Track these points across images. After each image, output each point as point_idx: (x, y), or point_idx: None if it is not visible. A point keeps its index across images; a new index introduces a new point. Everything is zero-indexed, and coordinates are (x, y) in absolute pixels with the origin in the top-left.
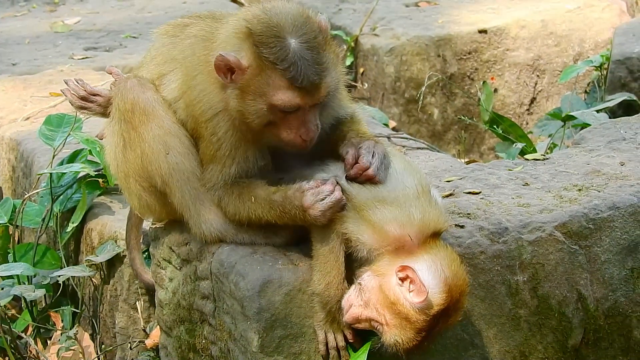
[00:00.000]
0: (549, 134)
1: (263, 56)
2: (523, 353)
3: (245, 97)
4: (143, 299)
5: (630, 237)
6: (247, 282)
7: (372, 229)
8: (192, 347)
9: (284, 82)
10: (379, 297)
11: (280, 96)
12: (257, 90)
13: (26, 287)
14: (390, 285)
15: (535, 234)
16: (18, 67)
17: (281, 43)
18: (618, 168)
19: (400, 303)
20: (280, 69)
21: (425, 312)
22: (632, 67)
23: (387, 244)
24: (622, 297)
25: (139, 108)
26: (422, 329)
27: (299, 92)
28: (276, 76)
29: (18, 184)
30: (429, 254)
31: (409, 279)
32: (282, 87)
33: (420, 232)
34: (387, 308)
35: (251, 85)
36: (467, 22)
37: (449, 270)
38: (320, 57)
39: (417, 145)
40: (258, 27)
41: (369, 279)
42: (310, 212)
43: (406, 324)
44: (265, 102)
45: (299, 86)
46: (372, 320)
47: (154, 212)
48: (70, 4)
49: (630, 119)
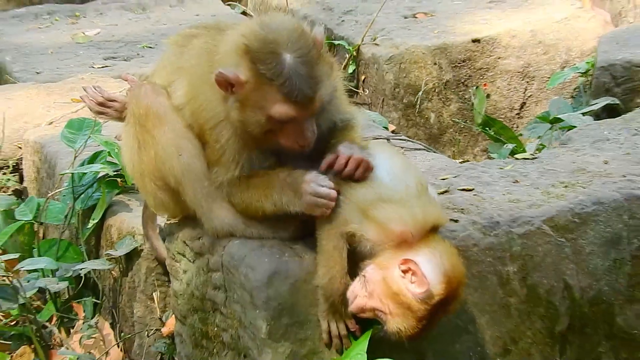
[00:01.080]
0: (538, 135)
1: (260, 72)
2: (513, 339)
3: (245, 109)
4: (159, 290)
5: (613, 230)
6: (255, 273)
7: (376, 226)
8: (205, 335)
9: (280, 97)
10: (382, 289)
11: (277, 109)
12: (256, 103)
13: (50, 280)
14: (393, 277)
15: (525, 227)
16: (42, 76)
17: (277, 59)
18: (602, 166)
19: (403, 294)
20: (276, 84)
21: (426, 302)
22: (615, 73)
23: (391, 240)
24: (606, 286)
25: (153, 112)
26: (423, 318)
27: (294, 105)
28: (273, 90)
29: (42, 184)
30: (429, 248)
31: (411, 272)
32: (279, 101)
33: (421, 228)
34: (390, 298)
35: (250, 98)
36: (461, 32)
37: (448, 263)
38: (314, 70)
39: (415, 146)
40: (255, 44)
41: (372, 271)
42: (305, 198)
43: (408, 313)
44: (264, 114)
45: (294, 100)
46: (376, 310)
47: (168, 209)
48: (91, 17)
49: (613, 120)
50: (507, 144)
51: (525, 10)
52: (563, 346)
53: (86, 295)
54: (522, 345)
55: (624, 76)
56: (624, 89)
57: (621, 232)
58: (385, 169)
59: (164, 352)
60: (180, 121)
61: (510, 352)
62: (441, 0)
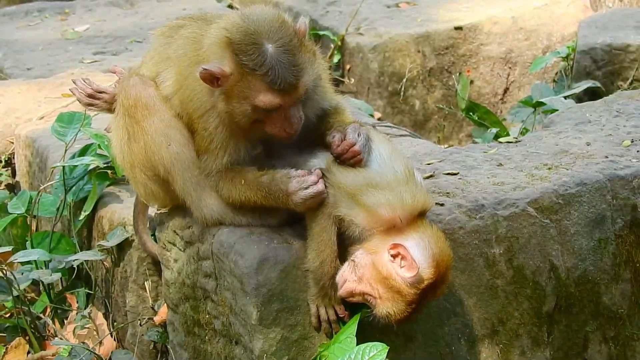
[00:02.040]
0: (521, 120)
1: (243, 63)
2: (501, 320)
3: (231, 100)
4: (151, 279)
5: (597, 211)
6: (245, 260)
7: (366, 212)
8: (197, 322)
9: (264, 86)
10: (372, 273)
11: (262, 98)
12: (241, 94)
13: (43, 272)
14: (383, 262)
15: (510, 209)
16: (32, 72)
17: (259, 49)
18: (584, 148)
19: (393, 278)
20: (259, 74)
21: (416, 286)
22: (595, 57)
23: (380, 225)
24: (591, 266)
25: (141, 103)
26: (412, 302)
27: (278, 93)
28: (256, 80)
29: (34, 178)
30: (417, 232)
31: (400, 256)
32: (263, 90)
33: (409, 214)
34: (380, 283)
35: (235, 89)
36: (444, 20)
37: (436, 247)
38: (296, 59)
39: (400, 132)
40: (237, 36)
41: (362, 256)
42: (293, 197)
43: (398, 297)
44: (249, 104)
45: (278, 88)
46: (366, 294)
47: (158, 199)
48: (80, 13)
49: (594, 103)
50: (491, 128)
51: None
52: (550, 326)
53: (79, 286)
54: (509, 326)
55: (604, 59)
56: (605, 72)
57: (605, 212)
58: (373, 154)
59: (156, 341)
60: (168, 111)
61: (499, 333)
62: None
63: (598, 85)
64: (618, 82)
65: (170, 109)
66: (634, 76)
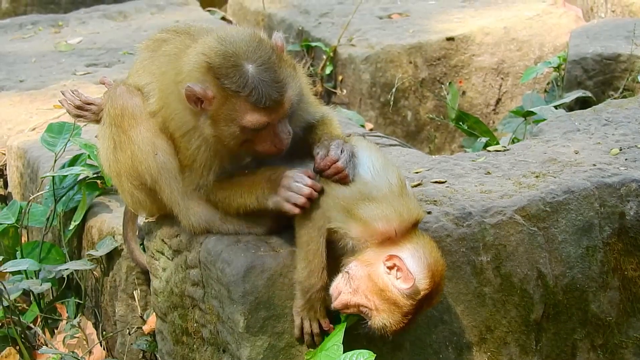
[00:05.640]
0: (512, 130)
1: (225, 87)
2: (489, 327)
3: (218, 124)
4: (140, 288)
5: (584, 219)
6: (232, 268)
7: (362, 225)
8: (185, 331)
9: (249, 106)
10: (367, 285)
11: (249, 119)
12: (227, 116)
13: (34, 282)
14: (378, 274)
15: (497, 217)
16: (25, 84)
17: (239, 71)
18: (573, 156)
19: (389, 290)
20: (243, 95)
21: (412, 297)
22: (586, 67)
23: (375, 237)
24: (579, 273)
25: (128, 113)
26: (408, 312)
27: (264, 112)
28: (241, 102)
29: (26, 189)
30: (412, 244)
31: (396, 267)
32: (249, 111)
33: (404, 226)
34: (376, 295)
35: (220, 113)
36: (435, 31)
37: (430, 257)
38: (277, 75)
39: (390, 142)
40: (216, 60)
41: (356, 268)
42: (279, 192)
43: (394, 308)
44: (237, 126)
45: (264, 106)
46: (362, 306)
47: (145, 208)
48: (73, 26)
49: (584, 112)
50: (481, 137)
51: (497, 8)
52: (538, 334)
53: (69, 295)
54: (497, 334)
55: (595, 69)
56: (596, 82)
57: (592, 219)
58: (366, 166)
59: (145, 350)
60: (155, 121)
61: (486, 340)
62: (415, 0)
63: (589, 95)
64: (609, 91)
65: (155, 123)
66: (625, 86)
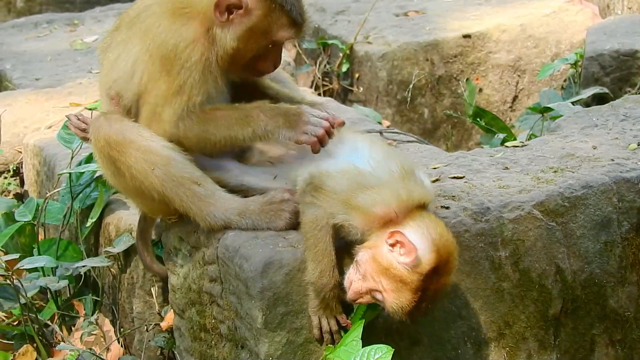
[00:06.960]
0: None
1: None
2: (507, 323)
3: (248, 35)
4: (157, 285)
5: (602, 214)
6: (250, 264)
7: (361, 213)
8: (203, 327)
9: (289, 21)
10: (373, 267)
11: (283, 33)
12: (264, 28)
13: (51, 279)
14: (382, 253)
15: (515, 212)
16: (41, 82)
17: None
18: (590, 151)
19: (394, 267)
20: (286, 10)
21: (417, 270)
22: (603, 63)
23: (377, 222)
24: (597, 268)
25: (112, 141)
26: (417, 289)
27: (296, 28)
28: (284, 16)
29: (42, 187)
30: (414, 221)
31: (398, 244)
32: (286, 25)
33: (405, 207)
34: (382, 274)
35: (259, 24)
36: (452, 28)
37: (434, 232)
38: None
39: (407, 139)
40: None
41: (363, 254)
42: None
43: (402, 285)
44: (268, 39)
45: (299, 23)
46: (372, 290)
47: (163, 212)
48: (89, 25)
49: (601, 107)
50: (498, 134)
51: (514, 5)
52: (557, 329)
53: (86, 293)
54: (516, 329)
55: (612, 65)
56: (613, 78)
57: (611, 214)
58: (365, 157)
59: (163, 347)
60: (140, 138)
61: (505, 336)
62: None
63: (606, 91)
64: (626, 88)
65: (143, 134)
66: None
